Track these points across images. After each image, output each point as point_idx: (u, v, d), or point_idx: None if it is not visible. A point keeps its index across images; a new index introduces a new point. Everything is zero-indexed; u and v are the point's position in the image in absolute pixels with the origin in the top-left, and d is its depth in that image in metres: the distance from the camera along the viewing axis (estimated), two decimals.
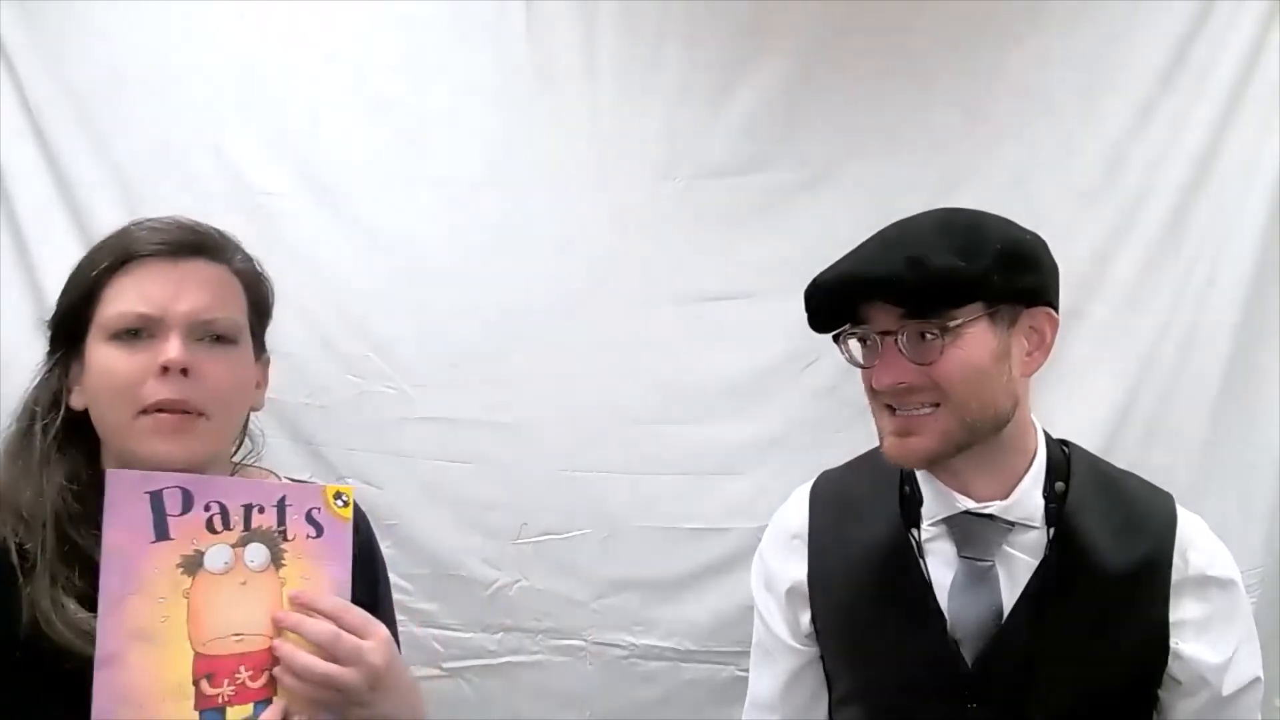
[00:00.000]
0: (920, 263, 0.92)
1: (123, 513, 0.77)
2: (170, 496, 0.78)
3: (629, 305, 1.71)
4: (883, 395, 0.98)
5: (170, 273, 0.87)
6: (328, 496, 0.85)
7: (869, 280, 0.96)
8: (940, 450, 0.98)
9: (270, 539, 0.82)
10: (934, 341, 0.94)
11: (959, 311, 0.94)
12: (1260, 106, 1.56)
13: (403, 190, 1.72)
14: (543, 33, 1.69)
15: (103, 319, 0.86)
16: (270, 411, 1.74)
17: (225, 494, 0.81)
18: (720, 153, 1.69)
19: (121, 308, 0.85)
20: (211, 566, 0.79)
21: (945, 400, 0.95)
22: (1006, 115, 1.63)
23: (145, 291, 0.86)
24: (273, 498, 0.82)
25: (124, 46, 1.72)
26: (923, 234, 0.97)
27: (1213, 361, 1.60)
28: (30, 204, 1.72)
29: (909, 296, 0.94)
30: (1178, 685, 1.00)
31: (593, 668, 1.75)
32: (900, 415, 0.98)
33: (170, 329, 0.86)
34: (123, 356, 0.85)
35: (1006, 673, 0.99)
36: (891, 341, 0.96)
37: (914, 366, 0.95)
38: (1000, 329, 0.96)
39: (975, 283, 0.93)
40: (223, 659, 0.78)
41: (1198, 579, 0.99)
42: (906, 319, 0.95)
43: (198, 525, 0.79)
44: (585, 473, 1.72)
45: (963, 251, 0.93)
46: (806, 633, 1.11)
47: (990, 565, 1.00)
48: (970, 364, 0.94)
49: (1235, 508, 1.59)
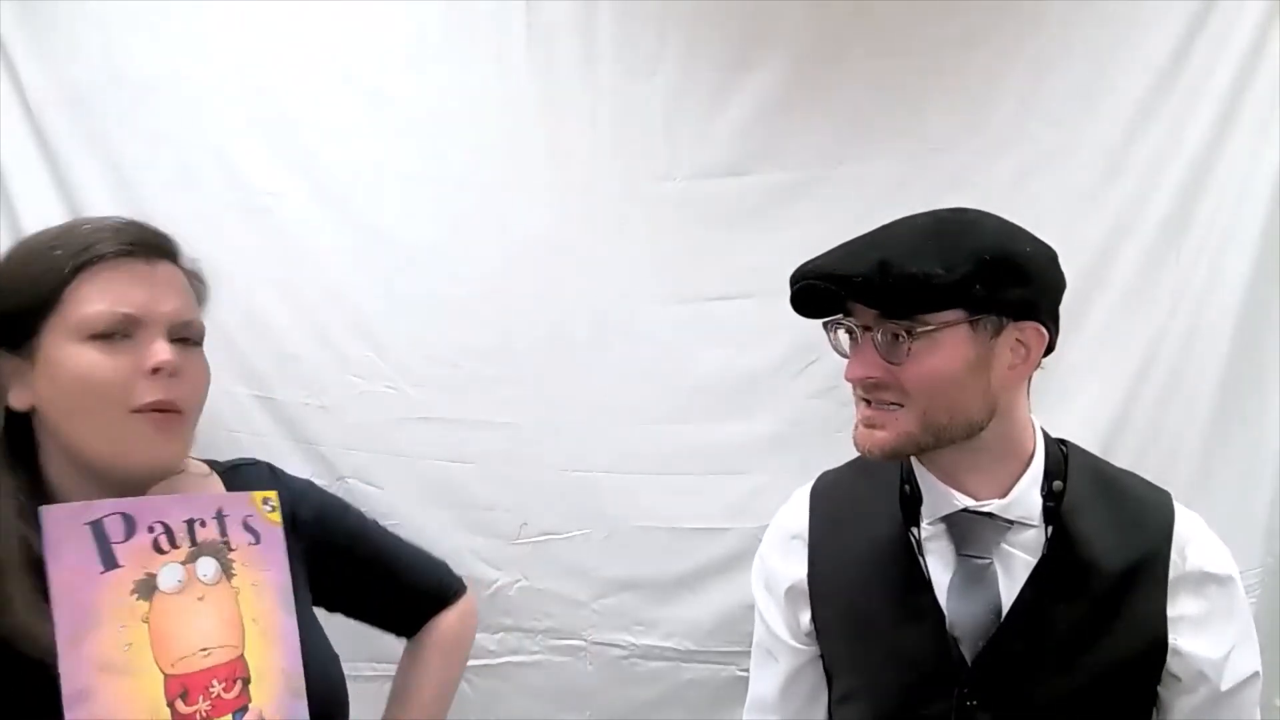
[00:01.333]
0: (888, 266, 0.93)
1: (65, 548, 0.76)
2: (111, 524, 0.77)
3: (629, 305, 1.71)
4: (855, 386, 1.01)
5: (145, 274, 0.87)
6: (257, 503, 0.86)
7: (839, 278, 0.97)
8: (899, 447, 1.00)
9: (217, 550, 0.82)
10: (903, 343, 0.95)
11: (932, 317, 0.94)
12: (1260, 106, 1.55)
13: (403, 190, 1.72)
14: (543, 33, 1.69)
15: (74, 319, 0.84)
16: (270, 411, 1.75)
17: (165, 512, 0.81)
18: (720, 153, 1.69)
19: (100, 308, 0.84)
20: (166, 587, 0.79)
21: (908, 402, 0.97)
22: (1006, 115, 1.63)
23: (124, 293, 0.85)
24: (210, 510, 0.83)
25: (124, 46, 1.72)
26: (907, 237, 0.98)
27: (1213, 361, 1.60)
28: (30, 204, 1.72)
29: (876, 298, 0.95)
30: (1177, 682, 1.00)
31: (593, 668, 1.75)
32: (871, 408, 1.00)
33: (152, 330, 0.86)
34: (104, 358, 0.84)
35: (1005, 670, 0.99)
36: (869, 336, 0.98)
37: (884, 364, 0.97)
38: (982, 338, 0.96)
39: (950, 291, 0.93)
40: (194, 675, 0.78)
41: (1195, 575, 1.00)
42: (882, 318, 0.96)
43: (145, 548, 0.79)
44: (585, 473, 1.72)
45: (943, 259, 0.93)
46: (806, 631, 1.11)
47: (989, 563, 1.01)
48: (937, 370, 0.95)
49: (1235, 508, 1.59)
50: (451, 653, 1.17)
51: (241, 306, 1.71)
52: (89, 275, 0.85)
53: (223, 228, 1.71)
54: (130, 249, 0.87)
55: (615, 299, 1.71)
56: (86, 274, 0.85)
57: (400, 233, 1.73)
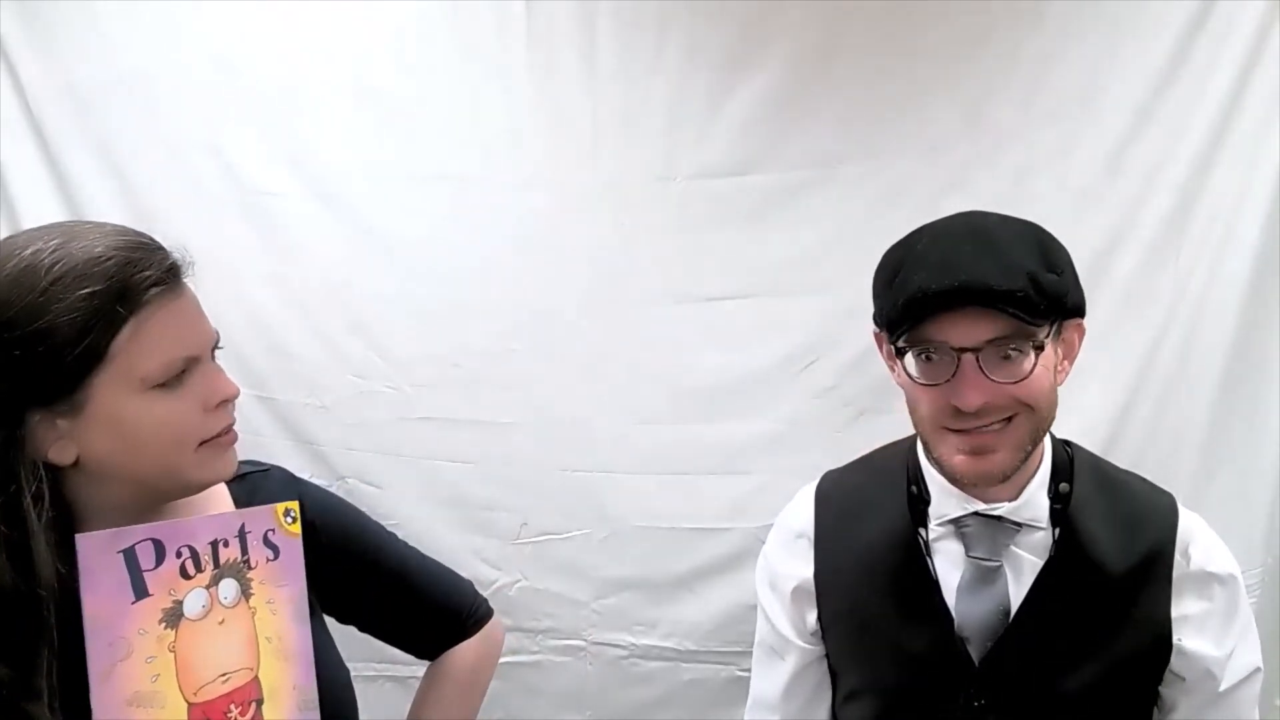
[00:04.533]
0: (1037, 278, 0.91)
1: (99, 577, 0.74)
2: (142, 551, 0.76)
3: (629, 305, 1.71)
4: (964, 417, 0.95)
5: (184, 309, 0.84)
6: (279, 515, 0.84)
7: (1000, 292, 0.90)
8: (1016, 463, 0.98)
9: (238, 571, 0.81)
10: (1021, 359, 0.93)
11: (1045, 327, 0.94)
12: (1260, 106, 1.55)
13: (403, 190, 1.72)
14: (543, 33, 1.69)
15: (135, 374, 0.80)
16: (270, 411, 1.75)
17: (192, 536, 0.79)
18: (720, 153, 1.69)
19: (161, 359, 0.81)
20: (191, 613, 0.78)
21: (1027, 415, 0.95)
22: (1006, 115, 1.63)
23: (179, 336, 0.82)
24: (233, 528, 0.81)
25: (124, 46, 1.72)
26: (1015, 243, 0.95)
27: (1213, 361, 1.60)
28: (30, 204, 1.72)
29: (1030, 310, 0.91)
30: (1180, 681, 1.01)
31: (593, 668, 1.75)
32: (974, 434, 0.96)
33: (205, 362, 0.85)
34: (174, 403, 0.82)
35: (1013, 671, 1.00)
36: (972, 359, 0.93)
37: (995, 385, 0.93)
38: (1054, 341, 0.97)
39: (1066, 298, 0.95)
40: (213, 703, 0.78)
41: (1199, 575, 1.00)
42: (996, 337, 0.92)
43: (173, 574, 0.78)
44: (585, 473, 1.72)
45: (1054, 267, 0.95)
46: (812, 631, 1.12)
47: (998, 566, 1.01)
48: (1048, 378, 0.96)
49: (1235, 508, 1.59)
50: (469, 689, 1.14)
51: (241, 306, 1.71)
52: (138, 323, 0.80)
53: (223, 227, 1.71)
54: (164, 280, 0.82)
55: (615, 299, 1.71)
56: (134, 321, 0.79)
57: (401, 232, 1.73)
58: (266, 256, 1.73)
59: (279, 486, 0.99)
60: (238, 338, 1.70)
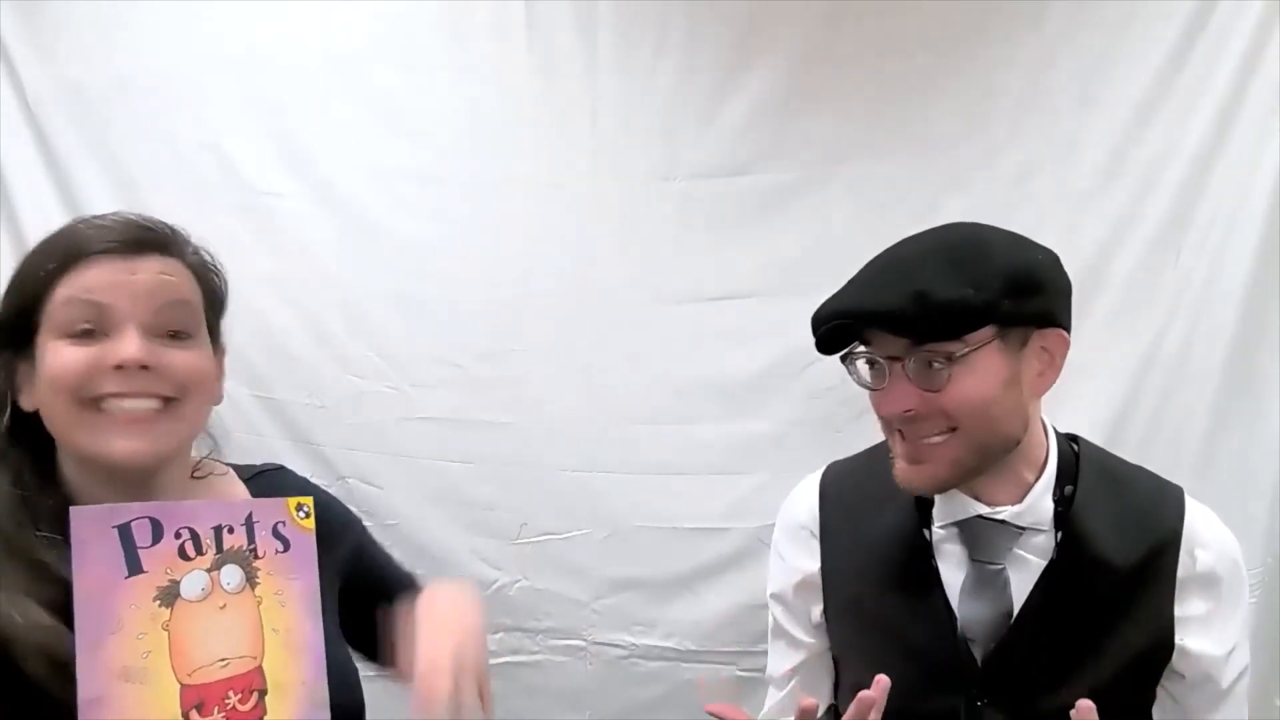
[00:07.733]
0: (925, 296, 0.91)
1: (92, 551, 0.74)
2: (139, 528, 0.76)
3: (628, 305, 1.71)
4: (892, 421, 0.98)
5: (123, 269, 0.86)
6: (290, 509, 0.83)
7: (872, 314, 0.95)
8: (951, 478, 0.98)
9: (243, 559, 0.80)
10: (941, 370, 0.93)
11: (968, 338, 0.93)
12: (1260, 106, 1.55)
13: (403, 190, 1.73)
14: (543, 33, 1.69)
15: (54, 317, 0.85)
16: (270, 411, 1.75)
17: (194, 518, 0.79)
18: (719, 153, 1.69)
19: (73, 305, 0.84)
20: (188, 594, 0.78)
21: (957, 427, 0.95)
22: (1006, 115, 1.63)
23: (97, 288, 0.85)
24: (240, 516, 0.81)
25: (124, 46, 1.72)
26: (927, 262, 0.95)
27: (1213, 361, 1.60)
28: (30, 204, 1.72)
29: (914, 329, 0.93)
30: (1181, 679, 1.02)
31: (593, 668, 1.75)
32: (910, 442, 0.97)
33: (125, 325, 0.85)
34: (74, 352, 0.84)
35: (1016, 671, 1.00)
36: (899, 367, 0.95)
37: (921, 393, 0.94)
38: (1011, 352, 0.95)
39: (984, 311, 0.92)
40: (210, 686, 0.77)
41: (1205, 576, 1.00)
42: (913, 346, 0.94)
43: (170, 554, 0.77)
44: (585, 473, 1.72)
45: (970, 280, 0.92)
46: (817, 624, 1.12)
47: (1001, 569, 1.01)
48: (979, 391, 0.94)
49: (1235, 508, 1.58)
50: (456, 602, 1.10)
51: (241, 306, 1.69)
52: (71, 274, 0.85)
53: (223, 227, 1.71)
54: (111, 245, 0.86)
55: (615, 299, 1.71)
56: (69, 273, 0.85)
57: (401, 233, 1.73)
58: (266, 257, 1.73)
59: (291, 488, 1.01)
60: (238, 338, 1.70)
